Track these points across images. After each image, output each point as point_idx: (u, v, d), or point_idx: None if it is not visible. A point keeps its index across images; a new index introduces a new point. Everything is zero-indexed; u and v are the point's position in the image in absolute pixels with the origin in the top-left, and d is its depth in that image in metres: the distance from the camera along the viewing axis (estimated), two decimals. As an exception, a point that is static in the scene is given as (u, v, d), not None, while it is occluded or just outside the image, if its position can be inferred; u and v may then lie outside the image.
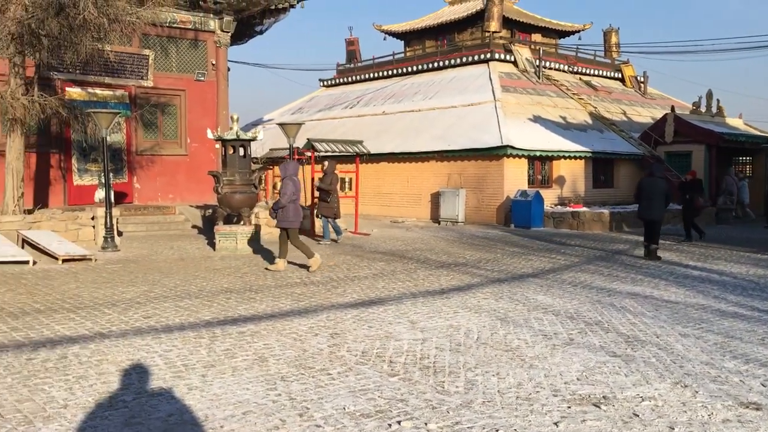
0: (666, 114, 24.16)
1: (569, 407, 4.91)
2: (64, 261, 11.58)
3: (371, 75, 30.94)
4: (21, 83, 13.58)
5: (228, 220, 13.91)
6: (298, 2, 23.68)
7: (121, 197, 17.99)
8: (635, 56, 30.06)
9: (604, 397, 5.14)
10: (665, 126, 23.70)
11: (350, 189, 17.75)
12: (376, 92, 29.23)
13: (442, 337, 6.91)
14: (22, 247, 12.46)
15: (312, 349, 6.36)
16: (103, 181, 14.05)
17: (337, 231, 15.41)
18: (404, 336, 6.92)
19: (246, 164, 13.86)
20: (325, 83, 33.42)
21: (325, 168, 15.22)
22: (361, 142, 17.97)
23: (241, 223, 13.78)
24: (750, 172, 25.47)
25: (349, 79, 32.10)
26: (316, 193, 15.60)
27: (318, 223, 16.23)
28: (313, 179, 16.28)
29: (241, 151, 13.76)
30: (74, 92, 17.30)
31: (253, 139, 13.99)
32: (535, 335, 7.03)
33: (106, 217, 13.36)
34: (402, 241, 16.10)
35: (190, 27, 19.50)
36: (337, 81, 32.82)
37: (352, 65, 32.77)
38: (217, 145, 16.67)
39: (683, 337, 7.02)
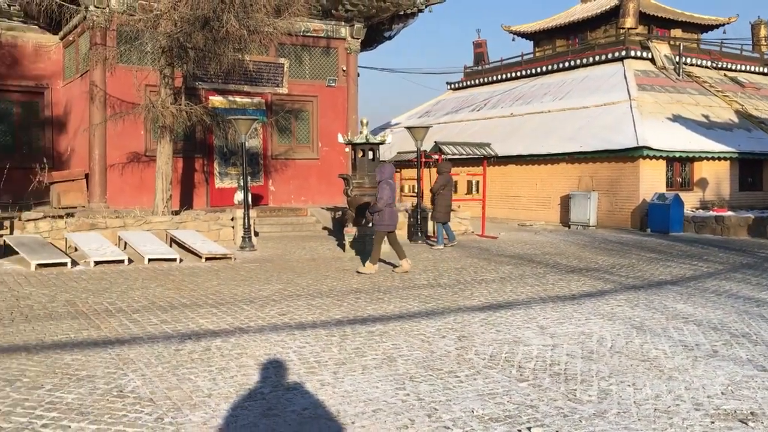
0: (824, 110, 22.19)
1: (713, 422, 4.63)
2: (206, 259, 12.33)
3: (499, 77, 30.60)
4: (170, 93, 14.60)
5: (357, 222, 14.23)
6: (426, 7, 23.90)
7: (257, 199, 18.89)
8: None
9: (752, 413, 4.81)
10: (824, 124, 21.77)
11: (477, 192, 17.63)
12: (504, 94, 28.87)
13: (573, 343, 6.73)
14: (170, 246, 13.38)
15: (439, 351, 6.39)
16: (242, 184, 14.81)
17: (449, 236, 15.10)
18: (533, 341, 6.80)
19: (375, 167, 14.10)
20: (453, 86, 33.42)
21: (438, 168, 15.19)
22: (488, 145, 17.83)
23: (369, 224, 14.04)
24: None
25: (477, 81, 31.92)
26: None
27: (431, 225, 16.17)
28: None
29: (370, 155, 14.04)
30: (216, 100, 18.38)
31: (382, 142, 14.24)
32: (675, 346, 6.68)
33: (244, 219, 14.07)
34: (530, 245, 15.80)
35: (322, 35, 20.16)
36: (465, 84, 32.72)
37: (479, 67, 32.58)
38: (347, 149, 17.10)
39: None
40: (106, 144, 16.81)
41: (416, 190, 16.42)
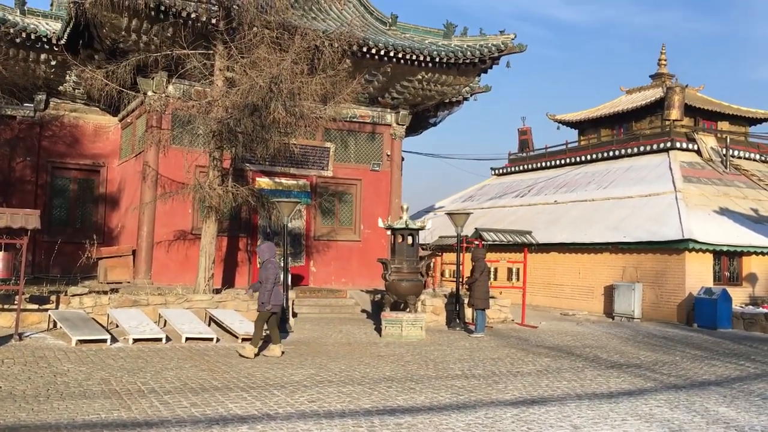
0: None
1: None
2: (243, 339, 12.41)
3: (543, 164, 30.79)
4: (218, 174, 15.13)
5: (395, 307, 14.23)
6: (471, 96, 24.50)
7: (298, 279, 19.07)
8: None
9: None
10: None
11: (518, 279, 17.48)
12: (548, 181, 28.95)
13: (607, 447, 6.51)
14: (209, 325, 13.54)
15: (467, 449, 6.26)
16: (282, 265, 15.03)
17: (479, 324, 14.71)
18: (565, 442, 6.61)
19: (414, 252, 14.21)
20: (497, 172, 33.70)
21: (473, 255, 15.16)
22: (529, 233, 17.79)
23: (407, 310, 14.03)
24: None
25: (521, 168, 32.15)
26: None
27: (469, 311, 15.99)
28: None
29: (410, 240, 14.16)
30: (263, 182, 18.91)
31: (422, 228, 14.36)
32: (714, 454, 6.40)
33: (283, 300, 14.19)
34: (571, 336, 15.48)
35: (368, 121, 20.74)
36: (509, 170, 32.97)
37: (524, 154, 32.86)
38: (388, 232, 17.28)
39: None
40: (154, 222, 17.36)
41: (456, 275, 16.37)
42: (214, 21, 14.94)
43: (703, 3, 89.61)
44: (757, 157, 26.52)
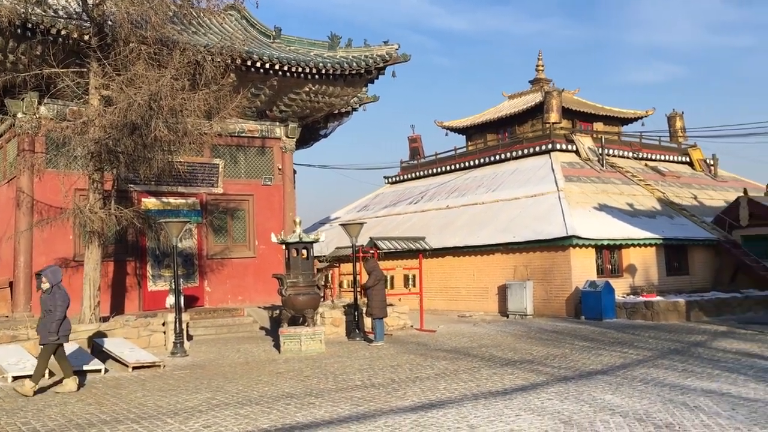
0: (739, 197, 23.46)
1: None
2: (134, 368, 11.90)
3: (434, 170, 31.47)
4: (99, 197, 14.46)
5: (293, 322, 14.08)
6: (360, 106, 24.72)
7: (192, 301, 18.52)
8: (702, 140, 29.51)
9: None
10: (739, 209, 22.96)
11: (414, 285, 17.73)
12: (440, 187, 29.60)
13: (501, 443, 6.69)
14: (96, 355, 12.88)
15: (366, 459, 6.25)
16: (173, 286, 14.55)
17: (378, 333, 14.79)
18: (462, 443, 6.73)
19: (309, 266, 14.12)
20: (390, 180, 34.12)
21: (366, 267, 15.24)
22: (423, 239, 18.10)
23: (306, 324, 13.92)
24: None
25: (413, 175, 32.71)
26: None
27: (368, 322, 16.05)
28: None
29: (304, 253, 14.06)
30: (149, 202, 18.26)
31: (316, 241, 14.30)
32: (600, 440, 6.71)
33: (175, 323, 13.75)
34: (468, 338, 15.84)
35: (257, 135, 20.48)
36: (401, 177, 33.47)
37: (415, 161, 33.45)
38: (283, 247, 17.09)
39: (762, 440, 6.57)
40: (32, 250, 16.37)
41: (354, 286, 16.40)
42: (86, 38, 14.32)
43: (578, 11, 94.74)
44: (630, 154, 28.21)
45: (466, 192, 27.40)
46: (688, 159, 30.28)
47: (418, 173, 32.47)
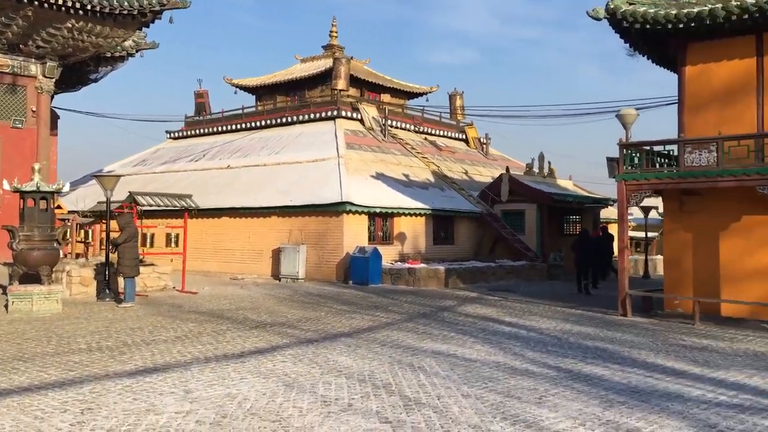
0: (502, 174, 25.24)
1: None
2: None
3: (220, 128, 30.36)
4: None
5: (27, 279, 12.68)
6: (137, 52, 22.92)
7: None
8: (476, 119, 31.39)
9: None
10: (501, 185, 24.71)
11: (177, 245, 16.87)
12: (224, 146, 28.61)
13: (211, 408, 6.37)
14: None
15: (49, 430, 5.62)
16: None
17: (128, 293, 13.80)
18: (168, 408, 6.32)
19: (48, 218, 12.76)
20: (172, 135, 32.40)
21: (119, 223, 14.05)
22: (189, 197, 17.24)
23: (42, 282, 12.60)
24: (578, 229, 26.85)
25: (197, 131, 31.33)
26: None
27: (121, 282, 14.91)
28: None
29: (43, 204, 12.66)
30: None
31: (57, 191, 12.96)
32: (315, 402, 6.65)
33: None
34: (229, 300, 15.40)
35: (7, 71, 18.21)
36: (185, 134, 31.91)
37: (200, 118, 32.02)
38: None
39: (464, 397, 6.90)
40: None
41: (106, 243, 15.17)
42: None
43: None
44: (412, 127, 29.24)
45: (250, 153, 26.73)
46: (464, 136, 32.08)
47: (202, 130, 31.15)
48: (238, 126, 29.77)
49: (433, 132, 30.37)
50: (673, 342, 10.73)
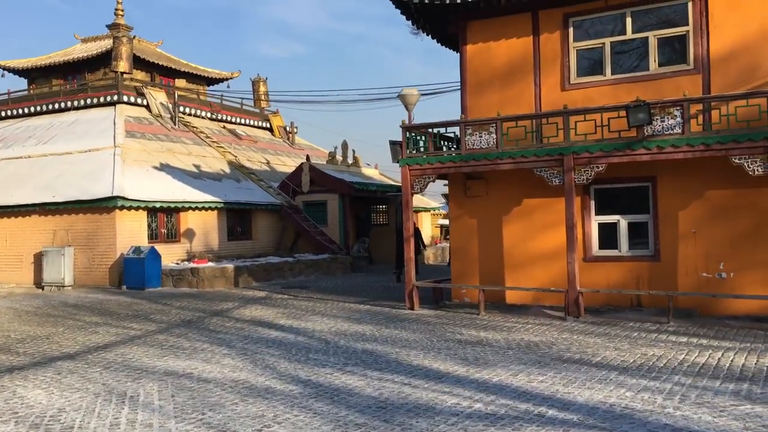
0: (302, 163, 23.91)
1: None
2: None
3: (-22, 116, 26.27)
4: None
5: None
6: None
7: None
8: (282, 107, 30.01)
9: None
10: (302, 175, 23.38)
11: None
12: (-16, 136, 24.72)
13: None
14: None
15: None
16: None
17: None
18: None
19: None
20: None
21: None
22: None
23: None
24: (387, 219, 26.25)
25: (-46, 119, 26.94)
26: None
27: None
28: None
29: None
30: None
31: None
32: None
33: None
34: (-46, 318, 12.66)
35: None
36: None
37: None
38: None
39: (159, 441, 5.32)
40: None
41: None
42: None
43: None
44: (209, 115, 27.09)
45: (14, 143, 23.24)
46: (269, 125, 30.40)
47: (-43, 118, 26.83)
48: (6, 113, 25.93)
49: (234, 120, 28.39)
50: (449, 337, 9.86)
